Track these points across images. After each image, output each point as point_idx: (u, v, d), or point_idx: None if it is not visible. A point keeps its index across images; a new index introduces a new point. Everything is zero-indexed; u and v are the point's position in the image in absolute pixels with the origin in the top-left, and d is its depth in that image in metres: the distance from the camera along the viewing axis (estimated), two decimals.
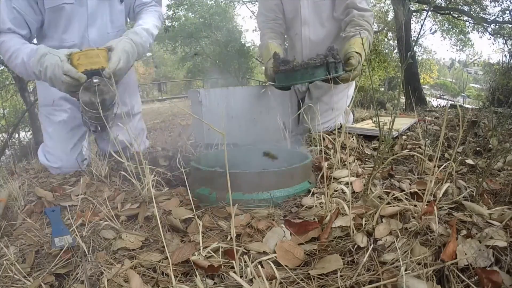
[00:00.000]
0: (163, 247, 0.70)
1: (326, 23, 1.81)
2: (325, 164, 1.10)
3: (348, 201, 0.77)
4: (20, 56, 1.24)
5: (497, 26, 8.64)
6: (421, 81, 9.99)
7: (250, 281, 0.59)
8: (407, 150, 1.38)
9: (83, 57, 1.24)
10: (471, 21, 9.03)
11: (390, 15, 10.02)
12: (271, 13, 1.91)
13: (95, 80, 1.22)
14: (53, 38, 1.40)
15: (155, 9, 1.64)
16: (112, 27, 1.51)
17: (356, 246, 0.66)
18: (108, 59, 1.27)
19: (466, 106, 3.38)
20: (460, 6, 8.61)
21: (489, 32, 8.90)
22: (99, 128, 1.32)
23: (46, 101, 1.49)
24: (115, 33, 1.52)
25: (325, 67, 1.42)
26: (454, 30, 10.01)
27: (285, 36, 2.00)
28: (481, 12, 8.48)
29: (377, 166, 0.92)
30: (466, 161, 1.18)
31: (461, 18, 9.22)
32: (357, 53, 1.51)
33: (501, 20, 8.41)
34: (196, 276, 0.59)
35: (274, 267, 0.60)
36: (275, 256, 0.64)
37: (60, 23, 1.38)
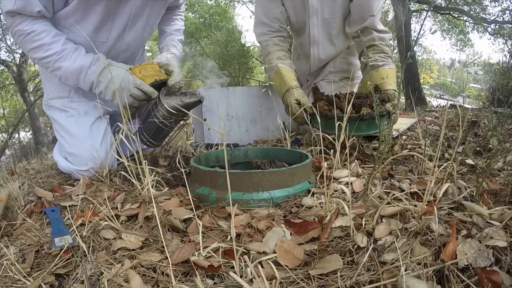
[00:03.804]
0: (163, 247, 0.70)
1: (335, 40, 1.72)
2: (325, 164, 1.10)
3: (348, 201, 0.77)
4: (72, 61, 1.15)
5: (497, 26, 8.64)
6: (421, 81, 9.98)
7: (250, 281, 0.59)
8: (407, 150, 1.38)
9: (143, 70, 1.25)
10: (471, 21, 9.03)
11: (390, 15, 10.01)
12: (276, 23, 1.66)
13: (179, 85, 1.26)
14: (79, 33, 1.19)
15: (183, 11, 1.64)
16: (149, 30, 1.40)
17: (356, 246, 0.66)
18: (170, 72, 1.31)
19: (466, 106, 3.38)
20: (460, 6, 8.61)
21: (489, 32, 8.90)
22: (159, 138, 1.32)
23: (59, 92, 1.29)
24: (148, 36, 1.43)
25: (388, 115, 1.30)
26: (454, 30, 10.01)
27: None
28: (481, 12, 8.49)
29: (377, 166, 0.92)
30: (466, 161, 1.18)
31: (461, 18, 9.22)
32: (394, 89, 1.42)
33: (501, 20, 8.42)
34: (196, 276, 0.59)
35: (274, 267, 0.60)
36: (275, 256, 0.64)
37: (92, 17, 1.19)
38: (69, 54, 1.16)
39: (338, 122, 1.08)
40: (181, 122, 1.34)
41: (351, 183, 0.96)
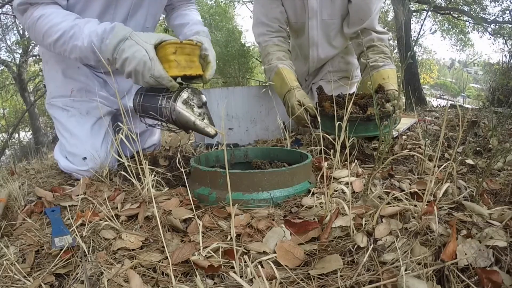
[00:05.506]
0: (163, 247, 0.70)
1: (334, 42, 1.72)
2: (325, 164, 1.10)
3: (348, 201, 0.77)
4: (83, 37, 1.02)
5: (497, 26, 8.64)
6: (421, 81, 9.98)
7: (250, 281, 0.59)
8: (407, 150, 1.38)
9: (179, 51, 1.00)
10: (471, 21, 9.04)
11: (390, 15, 10.01)
12: (275, 23, 1.64)
13: (200, 95, 1.05)
14: None
15: (195, 7, 1.52)
16: (152, 21, 1.34)
17: (356, 246, 0.66)
18: (207, 63, 1.11)
19: (466, 106, 3.38)
20: (460, 6, 8.61)
21: (489, 32, 8.90)
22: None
23: (61, 91, 1.27)
24: (152, 27, 1.37)
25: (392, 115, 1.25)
26: (454, 30, 10.01)
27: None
28: (481, 12, 8.49)
29: (377, 166, 0.92)
30: (466, 161, 1.18)
31: (461, 18, 9.22)
32: (395, 90, 1.40)
33: (501, 20, 8.42)
34: (196, 276, 0.59)
35: (274, 267, 0.60)
36: (275, 256, 0.64)
37: (96, 4, 1.16)
38: (80, 29, 1.03)
39: (346, 123, 1.07)
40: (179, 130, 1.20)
41: (351, 183, 0.96)
